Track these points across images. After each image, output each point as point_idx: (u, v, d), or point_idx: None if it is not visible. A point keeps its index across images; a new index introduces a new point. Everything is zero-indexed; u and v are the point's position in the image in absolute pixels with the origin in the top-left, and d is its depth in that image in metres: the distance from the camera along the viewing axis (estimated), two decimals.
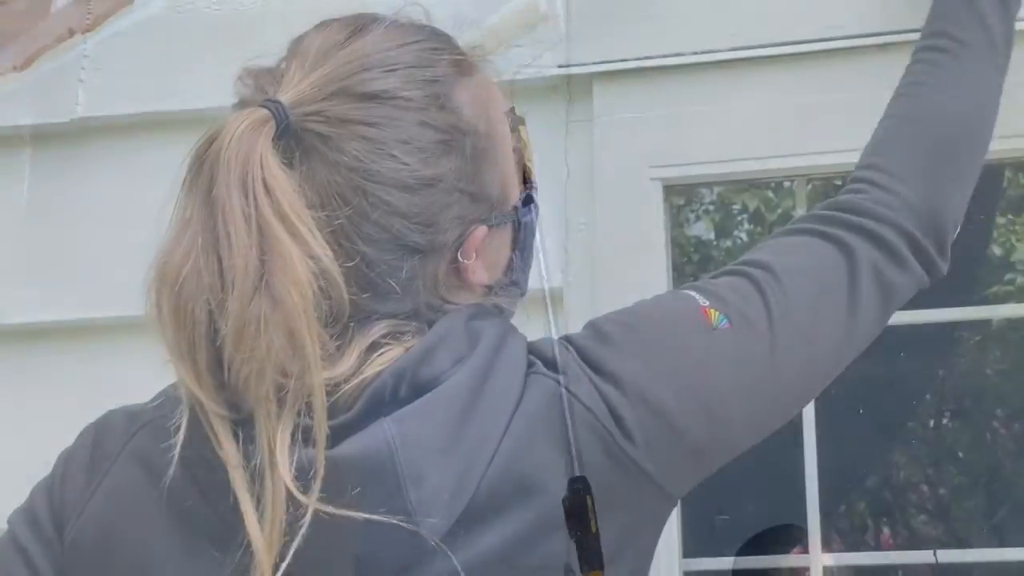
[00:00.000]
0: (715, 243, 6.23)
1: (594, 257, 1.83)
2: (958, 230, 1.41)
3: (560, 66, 1.88)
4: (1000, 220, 4.88)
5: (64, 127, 2.08)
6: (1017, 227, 4.86)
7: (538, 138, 1.87)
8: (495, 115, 1.24)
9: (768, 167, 1.80)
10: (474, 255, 1.19)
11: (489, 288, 1.23)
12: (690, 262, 6.22)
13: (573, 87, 1.90)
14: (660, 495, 1.15)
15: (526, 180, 1.29)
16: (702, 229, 6.24)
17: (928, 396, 5.50)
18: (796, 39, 1.78)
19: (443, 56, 1.19)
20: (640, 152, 1.83)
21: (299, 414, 1.04)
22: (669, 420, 1.14)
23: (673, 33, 1.84)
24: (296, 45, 1.19)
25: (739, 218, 6.18)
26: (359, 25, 1.18)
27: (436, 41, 1.21)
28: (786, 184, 5.21)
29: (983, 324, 5.04)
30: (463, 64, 1.21)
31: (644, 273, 1.79)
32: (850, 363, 1.32)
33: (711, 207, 6.06)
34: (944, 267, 1.38)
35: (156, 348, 1.08)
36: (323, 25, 1.20)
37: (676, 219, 5.85)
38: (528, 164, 1.30)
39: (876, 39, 1.75)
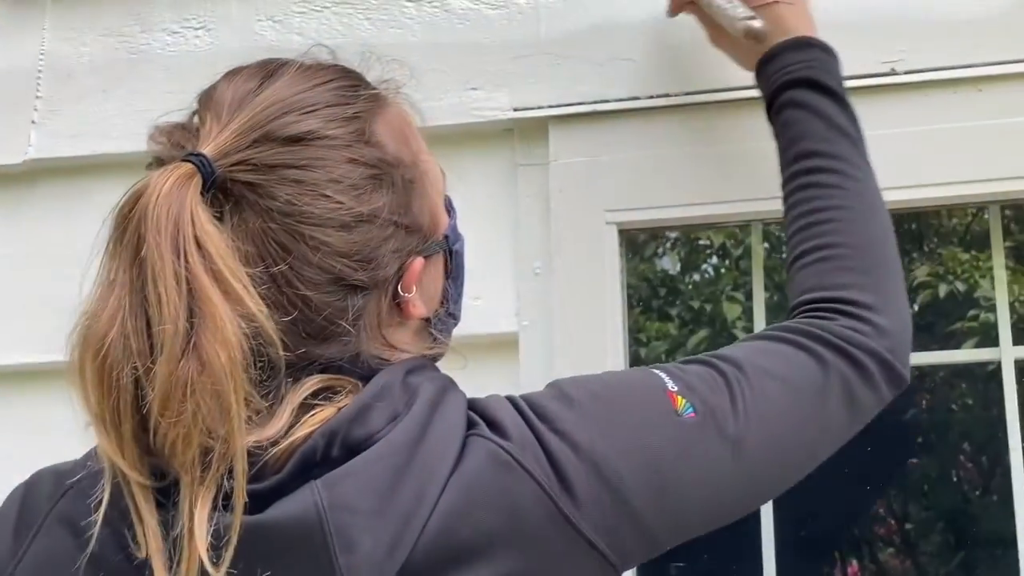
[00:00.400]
0: (681, 278, 6.23)
1: (549, 302, 1.82)
2: None
3: (515, 109, 1.87)
4: (963, 256, 4.90)
5: (15, 168, 2.05)
6: (980, 263, 4.88)
7: (493, 181, 1.90)
8: (416, 145, 1.24)
9: (723, 211, 1.79)
10: (414, 288, 1.18)
11: (428, 321, 1.23)
12: (656, 296, 6.23)
13: (528, 130, 1.89)
14: (604, 565, 1.12)
15: (448, 207, 1.28)
16: (668, 263, 6.25)
17: (894, 431, 5.51)
18: (750, 84, 1.77)
19: (359, 92, 1.19)
20: (595, 196, 1.81)
21: (224, 479, 1.02)
22: (621, 495, 1.12)
23: (629, 77, 1.83)
24: (207, 97, 1.17)
25: (706, 252, 6.19)
26: (269, 71, 1.18)
27: (349, 79, 1.21)
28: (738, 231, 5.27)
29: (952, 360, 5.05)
30: (379, 99, 1.21)
31: (600, 318, 1.78)
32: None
33: (677, 242, 6.06)
34: (907, 379, 1.40)
35: None
36: (232, 74, 1.19)
37: (642, 254, 5.86)
38: (446, 193, 1.30)
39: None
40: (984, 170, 1.69)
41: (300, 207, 1.10)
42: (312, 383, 1.10)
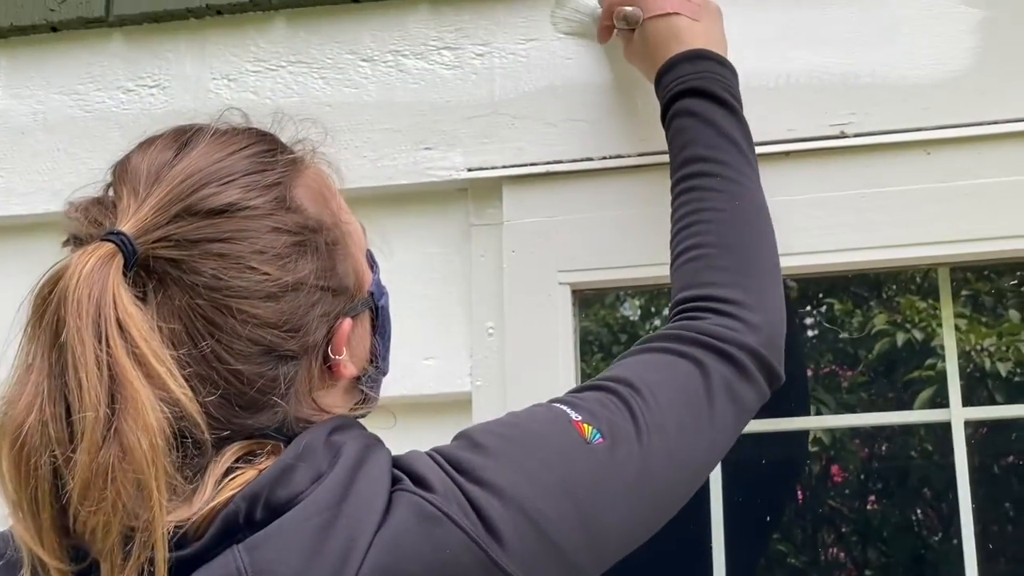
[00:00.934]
0: (642, 324, 6.24)
1: (503, 362, 1.82)
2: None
3: (469, 169, 1.87)
4: (921, 305, 4.92)
5: None
6: (938, 312, 4.90)
7: (446, 240, 1.90)
8: (336, 204, 1.24)
9: None
10: (344, 350, 1.18)
11: (358, 379, 1.22)
12: (617, 342, 6.23)
13: (482, 190, 1.89)
14: None
15: (370, 262, 1.28)
16: (629, 309, 6.26)
17: (854, 476, 5.52)
18: None
19: (277, 157, 1.18)
20: (548, 256, 1.82)
21: (146, 564, 1.00)
22: (545, 532, 1.13)
23: (582, 138, 1.84)
24: (121, 169, 1.15)
25: (666, 299, 6.19)
26: (184, 139, 1.16)
27: (265, 143, 1.20)
28: None
29: (908, 407, 5.07)
30: (296, 162, 1.21)
31: (553, 379, 1.78)
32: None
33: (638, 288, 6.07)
34: (783, 374, 1.44)
35: None
36: (146, 144, 1.18)
37: (603, 299, 5.87)
38: (368, 247, 1.30)
39: (782, 146, 1.76)
40: (932, 233, 1.70)
41: (226, 281, 1.09)
42: (234, 450, 1.09)
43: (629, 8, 1.68)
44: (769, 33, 1.77)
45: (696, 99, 1.58)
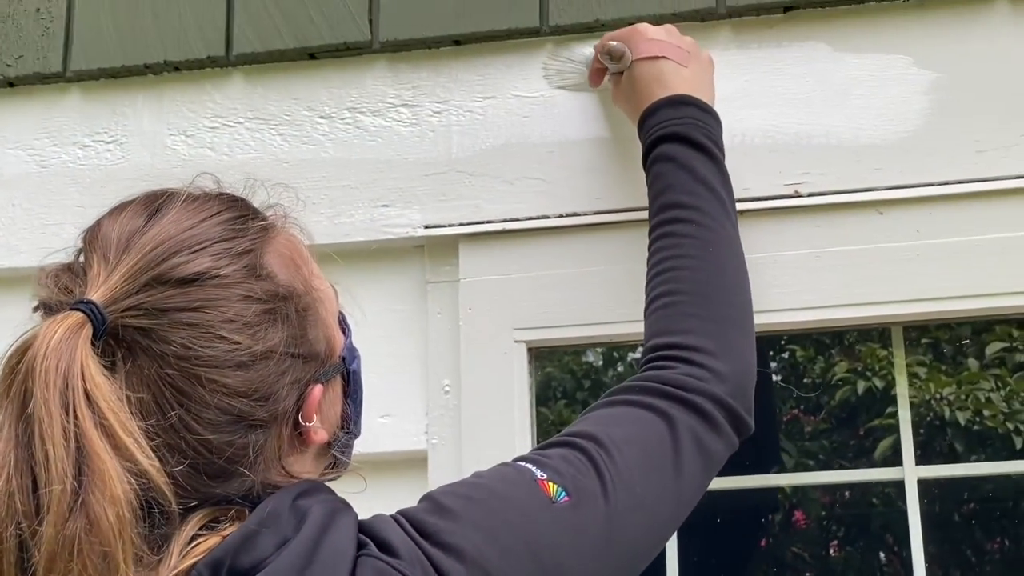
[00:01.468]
0: (605, 370, 6.25)
1: (459, 420, 1.81)
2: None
3: (426, 226, 1.87)
4: (882, 353, 4.94)
5: None
6: (897, 360, 4.93)
7: (403, 298, 1.90)
8: (308, 270, 1.23)
9: (631, 330, 1.79)
10: (315, 416, 1.17)
11: (329, 444, 1.22)
12: (581, 388, 6.23)
13: (439, 247, 1.89)
14: None
15: (342, 326, 1.28)
16: (592, 355, 6.27)
17: (819, 521, 5.53)
18: None
19: (247, 224, 1.18)
20: (505, 314, 1.82)
21: None
22: None
23: (538, 196, 1.85)
24: (92, 236, 1.15)
25: (629, 344, 6.20)
26: (155, 206, 1.16)
27: (236, 209, 1.20)
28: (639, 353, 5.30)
29: (867, 455, 5.09)
30: (268, 228, 1.20)
31: (509, 437, 1.78)
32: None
33: None
34: (752, 425, 1.44)
35: None
36: (117, 211, 1.17)
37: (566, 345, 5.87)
38: (340, 310, 1.30)
39: (737, 205, 1.77)
40: (886, 292, 1.71)
41: (195, 350, 1.08)
42: (198, 518, 1.09)
43: (613, 43, 1.69)
44: (725, 92, 1.78)
45: (676, 144, 1.58)
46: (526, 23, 1.88)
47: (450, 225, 1.87)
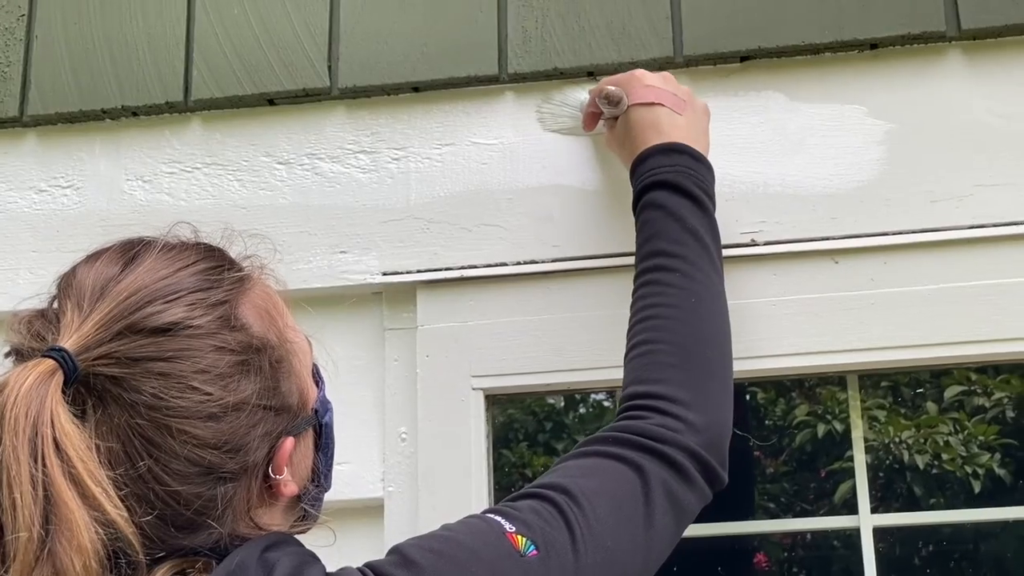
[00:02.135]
0: (566, 412, 6.24)
1: (416, 467, 1.81)
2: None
3: (384, 273, 1.87)
4: (841, 396, 4.96)
5: None
6: (853, 408, 4.95)
7: (360, 344, 1.89)
8: (283, 322, 1.23)
9: (590, 378, 1.80)
10: (285, 469, 1.17)
11: (299, 497, 1.21)
12: (542, 430, 6.22)
13: (396, 294, 1.89)
14: None
15: (316, 378, 1.27)
16: (553, 397, 6.26)
17: (777, 564, 5.53)
18: (615, 252, 1.80)
19: (223, 274, 1.18)
20: (462, 362, 1.82)
21: None
22: None
23: (497, 243, 1.85)
24: (66, 283, 1.15)
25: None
26: (131, 254, 1.16)
27: (212, 259, 1.19)
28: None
29: (827, 497, 5.10)
30: (244, 279, 1.20)
31: (465, 485, 1.77)
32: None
33: None
34: (725, 478, 1.43)
35: None
36: (93, 258, 1.17)
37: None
38: (314, 362, 1.29)
39: None
40: (841, 341, 1.72)
41: (167, 401, 1.08)
42: (165, 569, 1.08)
43: (612, 88, 1.69)
44: None
45: (666, 192, 1.58)
46: (485, 71, 1.89)
47: (408, 272, 1.86)
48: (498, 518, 1.22)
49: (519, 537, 1.20)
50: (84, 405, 1.07)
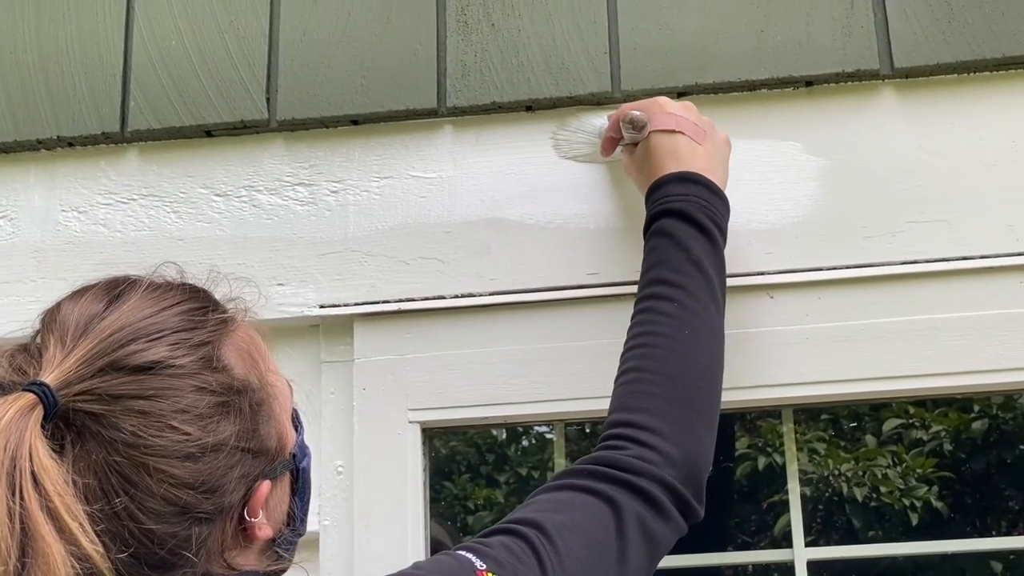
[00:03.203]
0: (508, 444, 6.24)
1: (352, 501, 1.80)
2: (711, 470, 1.46)
3: (322, 306, 1.86)
4: (782, 429, 4.99)
5: None
6: (798, 436, 4.99)
7: (298, 378, 1.87)
8: (264, 365, 1.24)
9: (527, 411, 1.80)
10: (260, 512, 1.17)
11: (273, 540, 1.21)
12: (485, 463, 6.22)
13: (334, 327, 1.89)
14: None
15: (295, 422, 1.28)
16: (496, 430, 6.27)
17: None
18: (553, 285, 1.81)
19: (207, 315, 1.19)
20: (399, 395, 1.81)
21: None
22: None
23: (434, 276, 1.85)
24: (50, 318, 1.15)
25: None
26: (116, 292, 1.17)
27: (197, 300, 1.20)
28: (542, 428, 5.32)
29: (768, 529, 5.13)
30: (227, 321, 1.21)
31: (401, 520, 1.76)
32: None
33: None
34: (701, 511, 1.42)
35: None
36: (78, 294, 1.18)
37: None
38: (294, 406, 1.29)
39: (630, 288, 1.79)
40: (776, 375, 1.73)
41: (145, 439, 1.08)
42: None
43: (637, 113, 1.69)
44: (619, 177, 1.81)
45: (675, 220, 1.57)
46: (424, 104, 1.89)
47: (345, 305, 1.86)
48: (469, 555, 1.23)
49: (490, 574, 1.20)
50: (63, 440, 1.07)
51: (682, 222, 1.57)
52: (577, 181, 1.85)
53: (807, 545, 1.79)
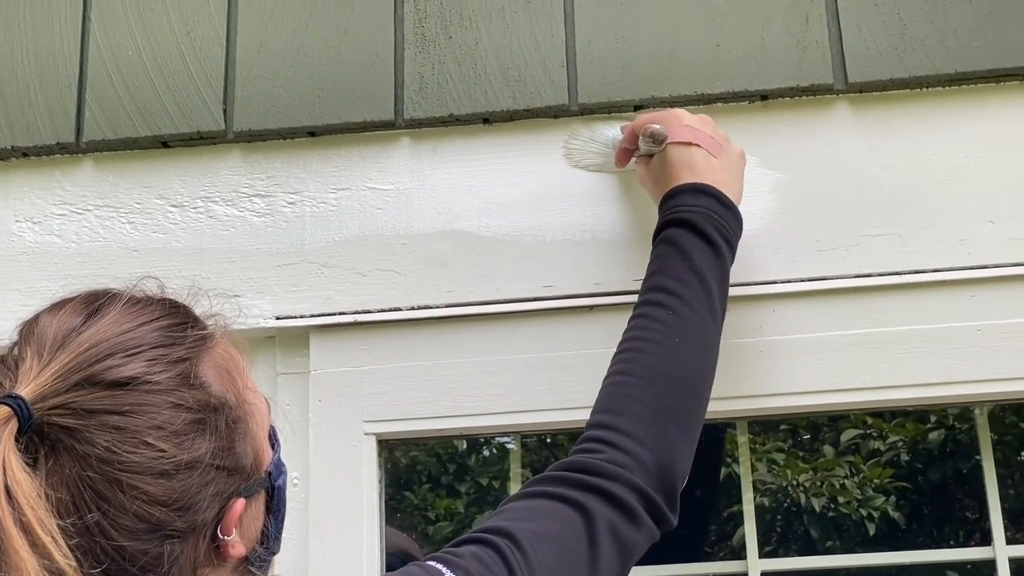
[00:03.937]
0: (468, 455, 6.23)
1: (307, 514, 1.79)
2: (686, 481, 1.46)
3: (277, 317, 1.86)
4: (741, 439, 5.02)
5: None
6: (757, 447, 5.01)
7: None
8: (242, 383, 1.23)
9: (484, 423, 1.80)
10: (234, 531, 1.16)
11: (246, 558, 1.20)
12: (445, 472, 6.20)
13: (289, 339, 1.88)
14: None
15: (272, 440, 1.27)
16: (457, 440, 6.26)
17: None
18: (512, 297, 1.81)
19: (186, 331, 1.18)
20: (354, 407, 1.81)
21: None
22: None
23: (391, 288, 1.85)
24: (29, 330, 1.14)
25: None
26: (95, 306, 1.16)
27: (176, 316, 1.19)
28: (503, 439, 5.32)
29: (728, 538, 5.14)
30: (206, 337, 1.20)
31: (356, 532, 1.76)
32: None
33: None
34: (674, 520, 1.42)
35: None
36: (56, 308, 1.17)
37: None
38: (272, 424, 1.29)
39: (588, 300, 1.80)
40: (729, 388, 1.73)
41: (119, 455, 1.07)
42: None
43: (656, 126, 1.69)
44: (575, 190, 1.82)
45: (683, 230, 1.58)
46: (381, 116, 1.89)
47: (301, 316, 1.86)
48: (439, 565, 1.23)
49: None
50: (37, 454, 1.06)
51: (689, 232, 1.58)
52: (535, 193, 1.85)
53: (763, 556, 1.80)
